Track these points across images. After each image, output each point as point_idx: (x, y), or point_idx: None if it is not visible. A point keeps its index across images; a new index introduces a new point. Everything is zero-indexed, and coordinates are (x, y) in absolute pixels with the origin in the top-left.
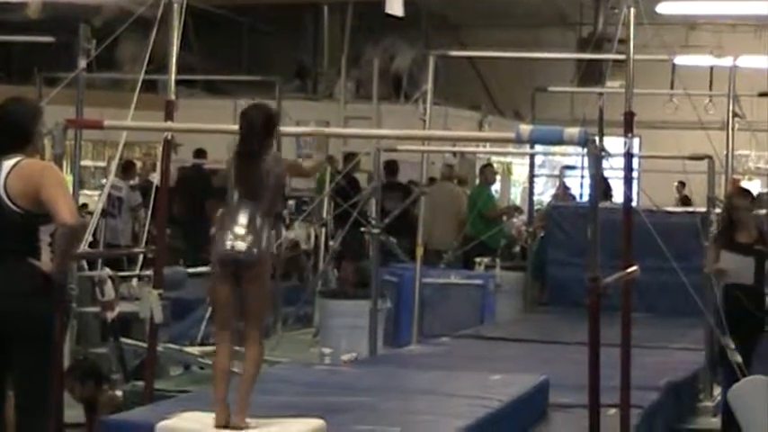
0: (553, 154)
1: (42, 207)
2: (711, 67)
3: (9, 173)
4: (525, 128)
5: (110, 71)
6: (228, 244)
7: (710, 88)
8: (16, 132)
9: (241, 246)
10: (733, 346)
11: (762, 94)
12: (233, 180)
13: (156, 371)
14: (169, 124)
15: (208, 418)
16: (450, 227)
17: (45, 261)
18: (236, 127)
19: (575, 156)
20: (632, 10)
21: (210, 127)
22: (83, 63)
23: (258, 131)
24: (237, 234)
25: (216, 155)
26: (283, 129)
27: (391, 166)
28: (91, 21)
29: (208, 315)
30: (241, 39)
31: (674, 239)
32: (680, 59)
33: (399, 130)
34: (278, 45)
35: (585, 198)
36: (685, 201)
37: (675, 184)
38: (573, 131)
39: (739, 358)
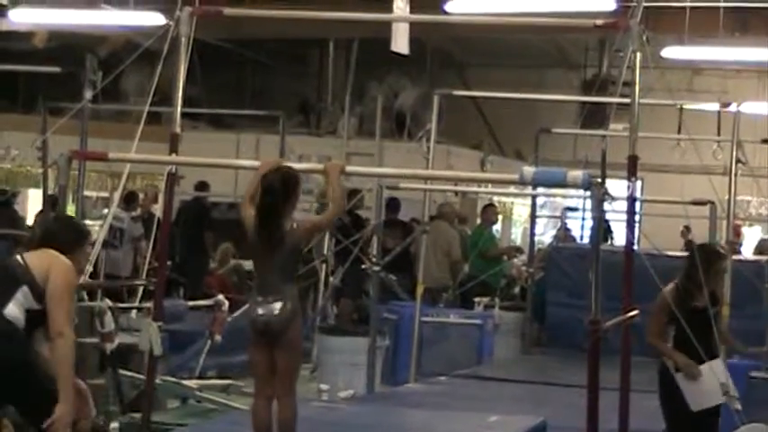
0: (554, 195)
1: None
2: (719, 113)
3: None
4: (529, 169)
5: (114, 102)
6: (259, 311)
7: (719, 133)
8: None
9: (270, 311)
10: (733, 393)
11: (765, 141)
12: (255, 239)
13: (153, 403)
14: (174, 158)
15: None
16: (442, 266)
17: None
18: (240, 162)
19: (576, 198)
20: (638, 54)
21: (214, 162)
22: (88, 94)
23: (278, 193)
24: (267, 300)
25: (218, 188)
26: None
27: (392, 204)
28: (97, 51)
29: (207, 348)
30: (246, 73)
31: None
32: (685, 105)
33: (402, 170)
34: (282, 80)
35: (586, 240)
36: (690, 246)
37: (681, 228)
38: (576, 174)
39: (739, 405)
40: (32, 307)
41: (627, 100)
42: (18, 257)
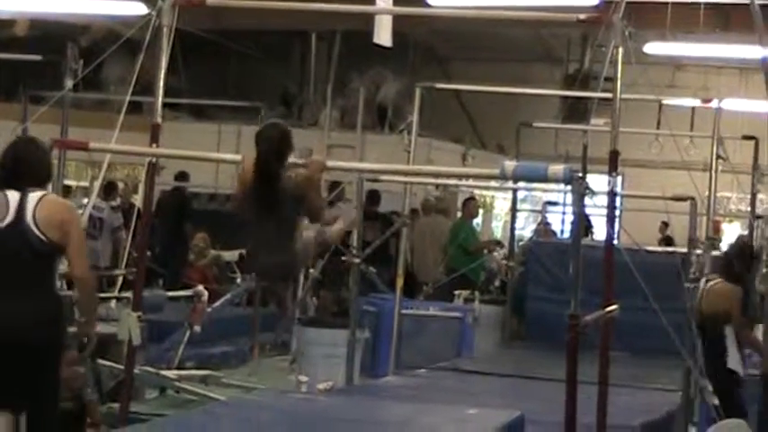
0: (535, 189)
1: (65, 240)
2: (693, 108)
3: (36, 205)
4: (509, 164)
5: (96, 91)
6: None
7: (691, 129)
8: (38, 170)
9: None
10: (711, 388)
11: (746, 137)
12: (250, 199)
13: (132, 393)
14: (154, 150)
15: None
16: (439, 261)
17: None
18: (220, 155)
19: (557, 192)
20: (620, 49)
21: (196, 154)
22: (69, 83)
23: (276, 150)
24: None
25: (198, 179)
26: None
27: (373, 197)
28: (78, 40)
29: (186, 339)
30: (228, 64)
31: (654, 279)
32: (666, 100)
33: (383, 164)
34: (264, 71)
35: (567, 234)
36: (668, 241)
37: (659, 224)
38: (557, 169)
39: (716, 401)
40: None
41: (608, 95)
42: (28, 219)
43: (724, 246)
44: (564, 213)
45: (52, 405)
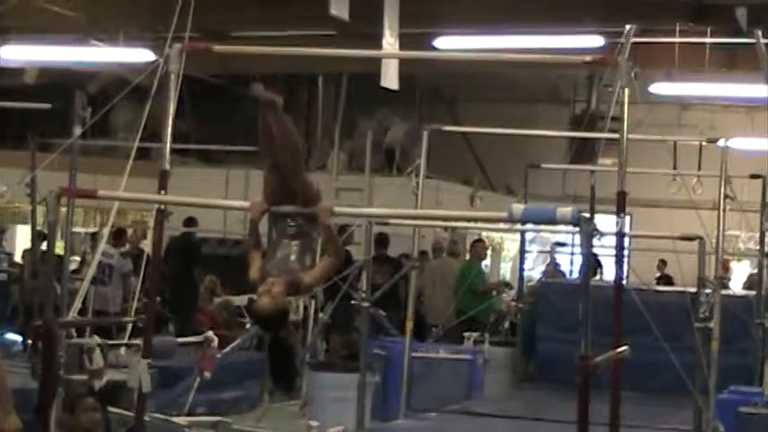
0: (544, 230)
1: None
2: (700, 147)
3: None
4: (518, 207)
5: (103, 137)
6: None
7: (699, 168)
8: None
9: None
10: (722, 428)
11: (753, 176)
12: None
13: None
14: (163, 197)
15: None
16: (450, 302)
17: None
18: (229, 202)
19: (565, 233)
20: (626, 90)
21: (204, 201)
22: (78, 131)
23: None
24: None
25: (207, 224)
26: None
27: (382, 240)
28: (86, 87)
29: (196, 385)
30: (234, 108)
31: (663, 318)
32: (672, 140)
33: (392, 209)
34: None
35: (576, 274)
36: (666, 279)
37: (657, 262)
38: (565, 211)
39: None
40: None
41: (615, 135)
42: None
43: (734, 284)
44: (573, 254)
45: None
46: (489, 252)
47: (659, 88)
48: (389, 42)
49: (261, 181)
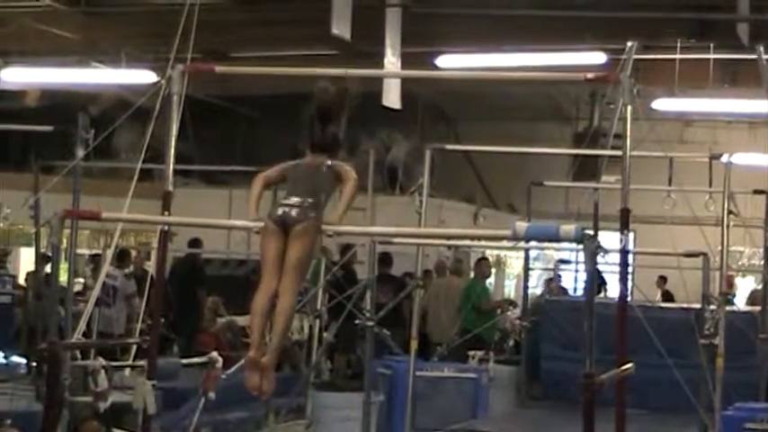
0: (547, 248)
1: None
2: (710, 164)
3: None
4: (521, 225)
5: (106, 159)
6: (279, 211)
7: (710, 185)
8: None
9: (291, 209)
10: None
11: (756, 191)
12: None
13: None
14: (166, 218)
15: None
16: (454, 321)
17: None
18: (232, 222)
19: (569, 250)
20: (628, 107)
21: (208, 222)
22: (80, 153)
23: (333, 95)
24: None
25: (211, 244)
26: None
27: (385, 259)
28: (88, 109)
29: (201, 406)
30: (237, 129)
31: (668, 335)
32: (676, 156)
33: (395, 228)
34: (273, 135)
35: (580, 292)
36: (666, 295)
37: (656, 279)
38: (569, 228)
39: None
40: None
41: (618, 152)
42: None
43: (738, 300)
44: (576, 271)
45: None
46: (493, 270)
47: (662, 105)
48: (391, 61)
49: (263, 200)
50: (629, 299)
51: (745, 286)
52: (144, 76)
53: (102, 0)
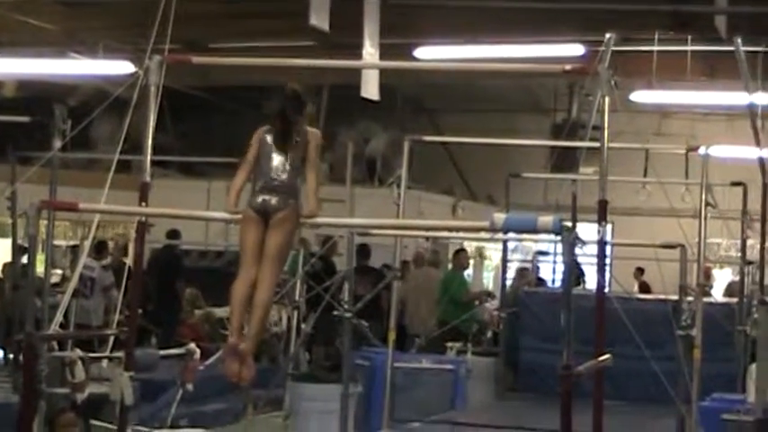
0: (526, 240)
1: None
2: (686, 156)
3: None
4: (499, 216)
5: (84, 150)
6: (259, 199)
7: (687, 177)
8: None
9: (270, 199)
10: None
11: (734, 183)
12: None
13: None
14: (144, 209)
15: None
16: (433, 312)
17: None
18: (210, 213)
19: (547, 242)
20: (606, 98)
21: (185, 213)
22: (58, 144)
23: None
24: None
25: (189, 236)
26: None
27: (363, 251)
28: (66, 100)
29: (179, 397)
30: (215, 120)
31: (645, 327)
32: (653, 148)
33: (374, 219)
34: (252, 126)
35: (558, 284)
36: (643, 287)
37: (633, 270)
38: (547, 220)
39: None
40: None
41: (596, 144)
42: None
43: (715, 292)
44: (555, 263)
45: None
46: (471, 262)
47: (640, 97)
48: (370, 53)
49: (242, 192)
50: (607, 290)
51: (722, 278)
52: (122, 67)
53: None
